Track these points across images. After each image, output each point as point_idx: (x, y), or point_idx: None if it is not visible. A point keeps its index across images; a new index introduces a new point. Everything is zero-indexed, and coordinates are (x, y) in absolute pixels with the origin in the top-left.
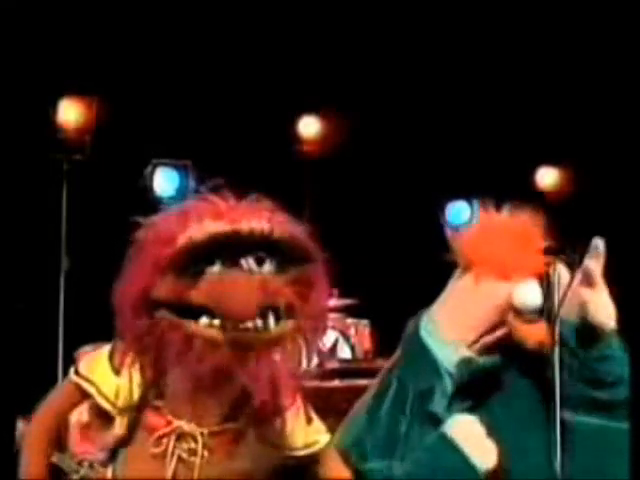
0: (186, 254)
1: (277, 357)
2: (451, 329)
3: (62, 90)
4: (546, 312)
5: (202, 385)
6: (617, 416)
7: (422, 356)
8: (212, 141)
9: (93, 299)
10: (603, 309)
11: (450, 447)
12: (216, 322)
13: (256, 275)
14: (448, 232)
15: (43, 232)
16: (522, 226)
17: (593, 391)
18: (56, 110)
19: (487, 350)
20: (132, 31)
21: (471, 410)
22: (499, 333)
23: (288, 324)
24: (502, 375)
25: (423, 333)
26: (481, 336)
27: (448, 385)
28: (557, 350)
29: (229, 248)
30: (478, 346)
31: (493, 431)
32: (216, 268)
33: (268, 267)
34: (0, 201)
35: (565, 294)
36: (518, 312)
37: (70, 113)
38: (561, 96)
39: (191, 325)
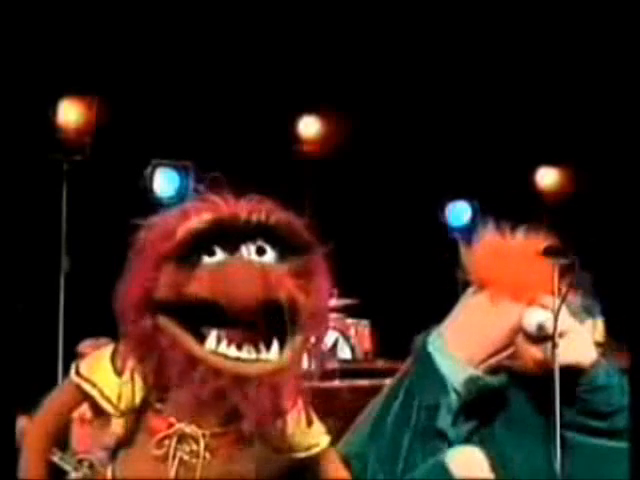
0: (186, 242)
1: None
2: (460, 347)
3: (62, 90)
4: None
5: (202, 401)
6: (617, 439)
7: (430, 372)
8: (212, 141)
9: (93, 299)
10: (573, 352)
11: (447, 478)
12: (221, 349)
13: (256, 264)
14: (453, 236)
15: (43, 232)
16: (537, 248)
17: (592, 421)
18: (56, 110)
19: (493, 370)
20: (132, 31)
21: (475, 428)
22: (506, 354)
23: (289, 353)
24: (508, 394)
25: (431, 349)
26: (490, 356)
27: (454, 402)
28: (557, 371)
29: (228, 236)
30: (485, 365)
31: (496, 450)
32: (216, 257)
33: (269, 257)
34: (0, 201)
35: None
36: (527, 335)
37: (70, 113)
38: (561, 97)
39: (195, 348)
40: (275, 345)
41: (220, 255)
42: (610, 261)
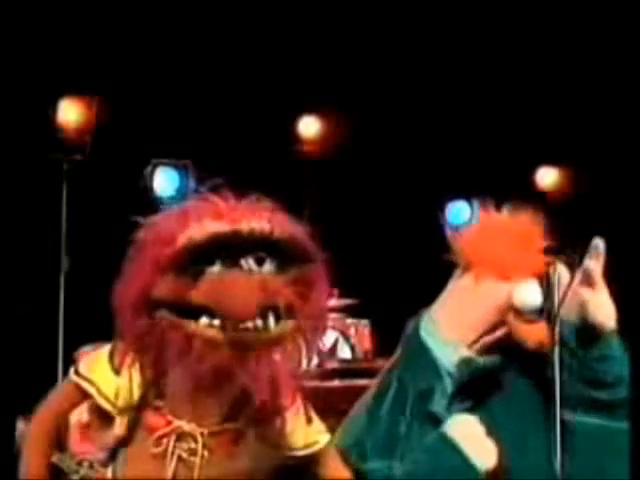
0: (186, 254)
1: (277, 357)
2: (451, 329)
3: (62, 90)
4: (546, 312)
5: (202, 385)
6: (617, 416)
7: (422, 356)
8: (212, 141)
9: (93, 299)
10: (603, 309)
11: (450, 447)
12: (216, 322)
13: (256, 275)
14: (448, 232)
15: (43, 232)
16: (522, 226)
17: (593, 391)
18: (56, 110)
19: (487, 350)
20: (132, 31)
21: (471, 410)
22: (499, 333)
23: (288, 324)
24: (502, 375)
25: (423, 333)
26: (481, 336)
27: (448, 385)
28: (557, 350)
29: (229, 248)
30: (478, 346)
31: (493, 431)
32: (216, 268)
33: (268, 267)
34: (0, 201)
35: (565, 294)
36: (518, 312)
37: (70, 113)
38: (561, 96)
39: (191, 325)
40: (271, 319)
41: (219, 265)
42: (610, 261)
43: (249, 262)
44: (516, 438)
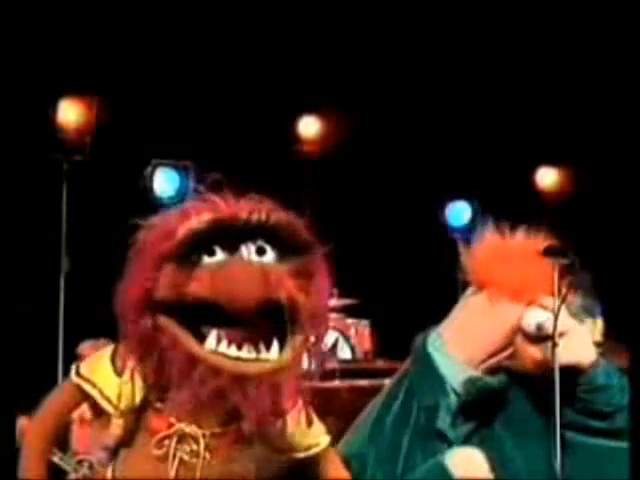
0: (186, 243)
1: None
2: (460, 347)
3: (62, 90)
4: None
5: (202, 401)
6: (617, 439)
7: (429, 372)
8: (212, 141)
9: (93, 299)
10: (573, 352)
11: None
12: (221, 348)
13: (256, 264)
14: (460, 249)
15: (43, 232)
16: (536, 249)
17: (592, 421)
18: (56, 110)
19: (492, 370)
20: (132, 31)
21: (474, 429)
22: (506, 354)
23: (288, 352)
24: (506, 395)
25: (431, 349)
26: (489, 356)
27: (453, 402)
28: (557, 372)
29: (228, 236)
30: (485, 366)
31: (496, 450)
32: (216, 257)
33: (269, 257)
34: (0, 201)
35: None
36: (527, 335)
37: (70, 113)
38: (561, 96)
39: (195, 347)
40: (275, 345)
41: (220, 255)
42: (610, 261)
43: (250, 250)
44: (518, 457)
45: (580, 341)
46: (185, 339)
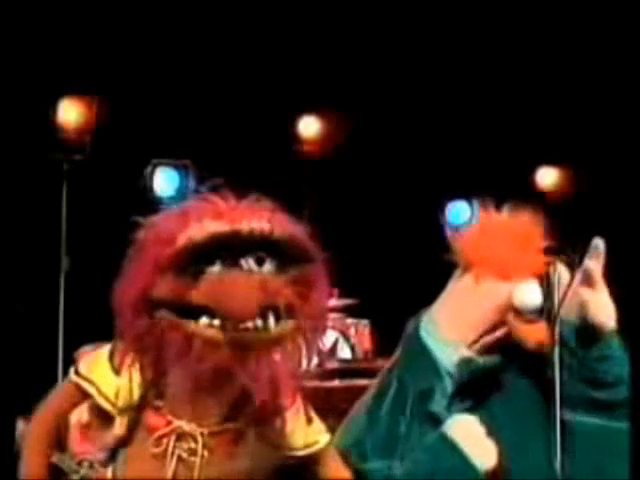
0: (186, 254)
1: (277, 357)
2: (451, 329)
3: (62, 90)
4: (546, 312)
5: (202, 385)
6: (617, 416)
7: (422, 356)
8: (212, 141)
9: (93, 299)
10: (603, 309)
11: (450, 447)
12: (216, 322)
13: (256, 275)
14: (448, 232)
15: (43, 232)
16: (522, 226)
17: (592, 391)
18: (56, 110)
19: (487, 350)
20: (132, 31)
21: (471, 410)
22: (499, 333)
23: (288, 324)
24: (502, 375)
25: (423, 333)
26: (481, 336)
27: (448, 385)
28: (557, 350)
29: (229, 248)
30: (478, 346)
31: (493, 431)
32: (216, 268)
33: (268, 267)
34: (0, 201)
35: (565, 294)
36: (518, 312)
37: (70, 113)
38: (561, 96)
39: (191, 325)
40: (271, 319)
41: (219, 266)
42: (610, 261)
43: (249, 262)
44: (516, 438)
45: (607, 300)
46: (181, 321)
